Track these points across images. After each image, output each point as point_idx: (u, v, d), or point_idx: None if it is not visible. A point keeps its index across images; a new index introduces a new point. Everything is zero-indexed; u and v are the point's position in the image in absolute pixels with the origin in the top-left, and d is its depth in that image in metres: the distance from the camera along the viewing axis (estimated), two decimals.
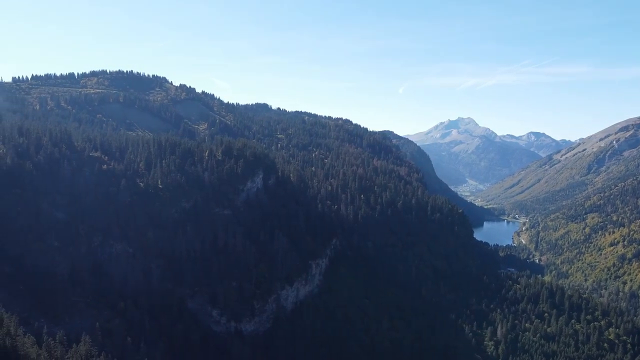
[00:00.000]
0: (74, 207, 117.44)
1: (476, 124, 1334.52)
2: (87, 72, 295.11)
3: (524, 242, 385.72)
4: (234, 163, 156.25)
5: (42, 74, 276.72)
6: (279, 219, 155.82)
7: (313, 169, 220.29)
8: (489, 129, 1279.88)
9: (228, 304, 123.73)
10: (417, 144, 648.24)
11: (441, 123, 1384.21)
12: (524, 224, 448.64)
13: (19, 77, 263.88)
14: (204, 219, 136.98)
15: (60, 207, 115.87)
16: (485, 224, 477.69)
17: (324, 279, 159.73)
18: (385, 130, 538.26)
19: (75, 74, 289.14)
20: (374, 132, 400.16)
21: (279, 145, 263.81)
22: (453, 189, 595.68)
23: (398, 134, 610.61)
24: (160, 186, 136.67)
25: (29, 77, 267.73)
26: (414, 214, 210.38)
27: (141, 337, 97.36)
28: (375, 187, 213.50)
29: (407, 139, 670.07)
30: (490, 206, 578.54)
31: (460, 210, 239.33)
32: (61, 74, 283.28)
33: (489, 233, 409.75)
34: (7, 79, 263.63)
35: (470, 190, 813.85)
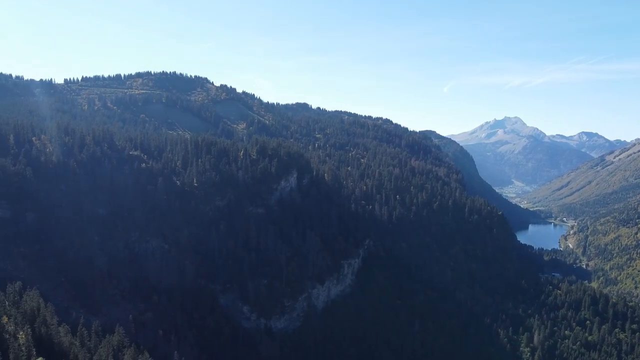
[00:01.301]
0: (113, 204, 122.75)
1: (524, 124, 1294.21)
2: (132, 74, 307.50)
3: (570, 246, 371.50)
4: (268, 162, 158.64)
5: (92, 75, 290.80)
6: (312, 218, 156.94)
7: (349, 168, 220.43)
8: (537, 129, 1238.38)
9: (258, 301, 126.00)
10: (461, 144, 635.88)
11: (487, 123, 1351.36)
12: (572, 227, 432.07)
13: (70, 79, 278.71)
14: (237, 217, 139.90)
15: (101, 204, 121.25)
16: (530, 226, 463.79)
17: (356, 279, 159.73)
18: (426, 130, 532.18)
19: (122, 75, 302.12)
20: (414, 132, 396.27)
21: (316, 144, 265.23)
22: (498, 191, 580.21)
23: (440, 134, 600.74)
24: (195, 184, 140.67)
25: (79, 79, 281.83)
26: (450, 215, 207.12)
27: (172, 330, 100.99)
28: (412, 187, 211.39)
29: (450, 139, 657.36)
30: (537, 208, 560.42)
31: (500, 213, 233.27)
32: (109, 76, 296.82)
33: (534, 236, 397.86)
34: (59, 80, 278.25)
35: (516, 191, 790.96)
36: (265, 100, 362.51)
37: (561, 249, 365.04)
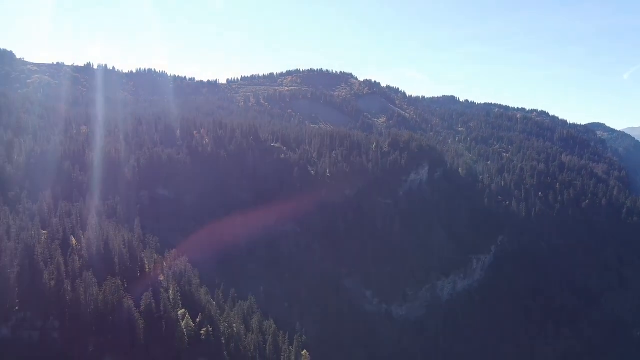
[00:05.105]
0: (255, 190, 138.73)
1: None
2: (283, 72, 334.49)
3: None
4: (398, 155, 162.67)
5: (249, 75, 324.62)
6: (440, 211, 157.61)
7: (488, 163, 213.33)
8: None
9: (381, 287, 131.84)
10: (638, 139, 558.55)
11: None
12: None
13: (231, 79, 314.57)
14: (365, 206, 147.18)
15: (245, 189, 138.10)
16: None
17: (486, 275, 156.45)
18: (591, 123, 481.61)
19: (274, 74, 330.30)
20: (574, 125, 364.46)
21: (457, 138, 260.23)
22: None
23: (611, 127, 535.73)
24: (328, 174, 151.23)
25: (239, 79, 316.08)
26: (603, 215, 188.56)
27: (297, 305, 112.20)
28: (558, 184, 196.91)
29: (624, 132, 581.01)
30: None
31: None
32: (263, 75, 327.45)
33: None
34: (223, 80, 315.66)
35: None
36: (409, 94, 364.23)
37: None
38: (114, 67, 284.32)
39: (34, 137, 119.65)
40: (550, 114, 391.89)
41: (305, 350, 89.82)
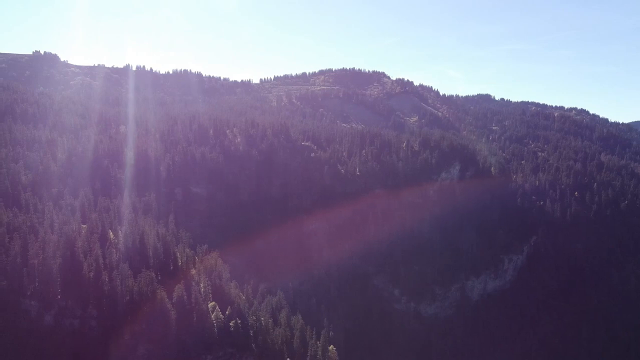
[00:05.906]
0: (285, 187, 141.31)
1: None
2: (316, 71, 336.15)
3: None
4: (429, 154, 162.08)
5: (282, 74, 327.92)
6: (471, 210, 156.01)
7: (522, 162, 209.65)
8: None
9: (409, 285, 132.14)
10: None
11: None
12: None
13: (264, 79, 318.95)
14: (395, 205, 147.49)
15: (275, 187, 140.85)
16: None
17: (518, 275, 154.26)
18: (635, 121, 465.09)
19: (307, 73, 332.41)
20: (614, 124, 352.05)
21: (490, 137, 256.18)
22: None
23: None
24: (357, 173, 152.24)
25: (272, 78, 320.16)
26: None
27: (325, 301, 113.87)
28: (595, 184, 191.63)
29: None
30: None
31: None
32: (296, 74, 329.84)
33: None
34: (256, 80, 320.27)
35: None
36: (443, 92, 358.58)
37: None
38: (151, 68, 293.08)
39: (76, 136, 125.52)
40: (591, 112, 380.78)
41: (332, 346, 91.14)
